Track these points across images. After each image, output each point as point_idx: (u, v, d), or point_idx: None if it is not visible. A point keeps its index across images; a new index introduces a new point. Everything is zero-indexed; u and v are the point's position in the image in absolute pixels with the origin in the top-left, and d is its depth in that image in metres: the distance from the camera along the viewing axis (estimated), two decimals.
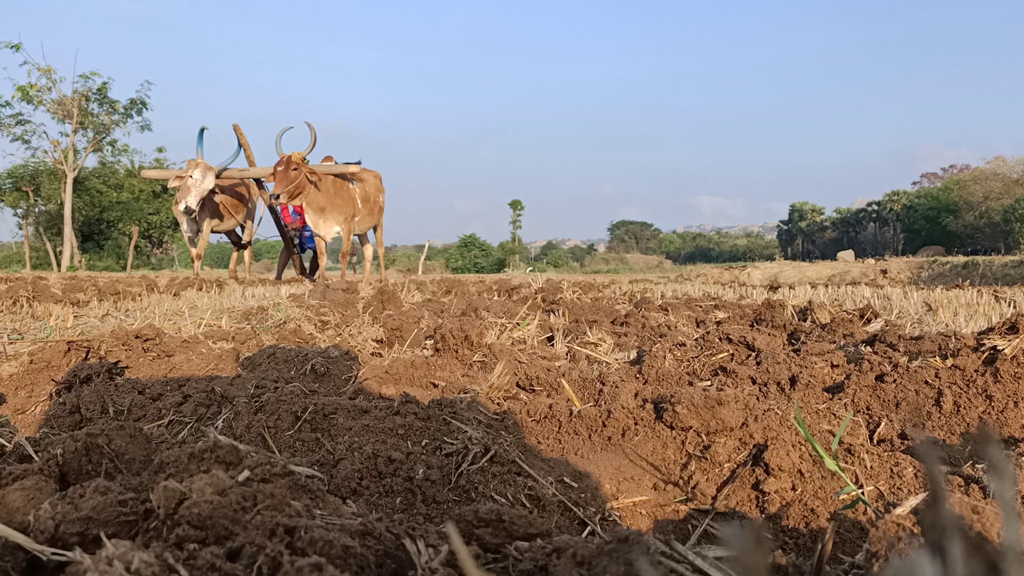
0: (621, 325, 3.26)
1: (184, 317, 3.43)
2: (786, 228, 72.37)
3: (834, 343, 2.44)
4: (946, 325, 3.13)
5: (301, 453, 1.22)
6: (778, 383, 1.75)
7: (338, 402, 1.35)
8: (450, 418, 1.29)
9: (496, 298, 5.06)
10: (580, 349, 2.49)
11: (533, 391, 1.84)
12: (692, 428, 1.32)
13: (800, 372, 1.75)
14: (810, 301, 3.64)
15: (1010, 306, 4.00)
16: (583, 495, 1.15)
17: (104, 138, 28.48)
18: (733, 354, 2.22)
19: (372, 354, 2.44)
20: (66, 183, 26.81)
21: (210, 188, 8.50)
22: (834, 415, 1.50)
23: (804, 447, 1.19)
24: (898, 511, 0.79)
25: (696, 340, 2.48)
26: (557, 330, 2.86)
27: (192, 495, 0.65)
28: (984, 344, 1.62)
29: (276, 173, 8.06)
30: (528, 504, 1.07)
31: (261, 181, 9.50)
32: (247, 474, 0.73)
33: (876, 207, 57.75)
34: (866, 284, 10.21)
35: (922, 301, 4.37)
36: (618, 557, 0.61)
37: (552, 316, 3.50)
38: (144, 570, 0.54)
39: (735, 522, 1.12)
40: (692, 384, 1.88)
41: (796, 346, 2.28)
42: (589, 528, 1.06)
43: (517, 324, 2.97)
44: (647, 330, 3.09)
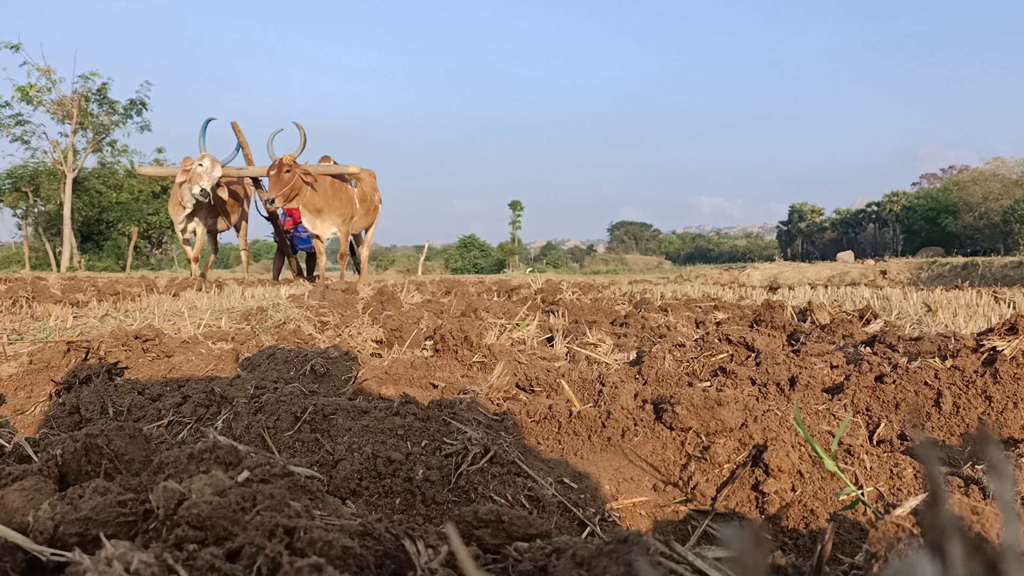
0: (621, 326, 3.26)
1: (183, 318, 3.43)
2: (786, 229, 72.40)
3: (833, 344, 2.44)
4: (945, 326, 3.13)
5: (301, 454, 1.22)
6: (778, 384, 1.75)
7: (338, 403, 1.35)
8: (450, 419, 1.29)
9: (496, 299, 5.06)
10: (580, 350, 2.49)
11: (533, 392, 1.84)
12: (692, 429, 1.32)
13: (800, 373, 1.75)
14: (810, 302, 3.64)
15: (1009, 307, 4.00)
16: (583, 496, 1.15)
17: (104, 139, 28.49)
18: (733, 355, 2.22)
19: (372, 355, 2.44)
20: (65, 184, 26.81)
21: (219, 177, 8.40)
22: (834, 416, 1.50)
23: (804, 448, 1.19)
24: (898, 512, 0.79)
25: (696, 341, 2.48)
26: (557, 331, 2.86)
27: (191, 496, 0.64)
28: (983, 345, 1.62)
29: (269, 177, 8.01)
30: (528, 505, 1.07)
31: (259, 180, 9.47)
32: (246, 475, 0.73)
33: (876, 208, 57.78)
34: (865, 285, 10.21)
35: (921, 302, 4.38)
36: (618, 558, 0.61)
37: (552, 317, 3.50)
38: (143, 571, 0.54)
39: (735, 523, 1.12)
40: (692, 385, 1.88)
41: (796, 347, 2.28)
42: (589, 529, 1.06)
43: (517, 325, 2.97)
44: (647, 331, 3.09)
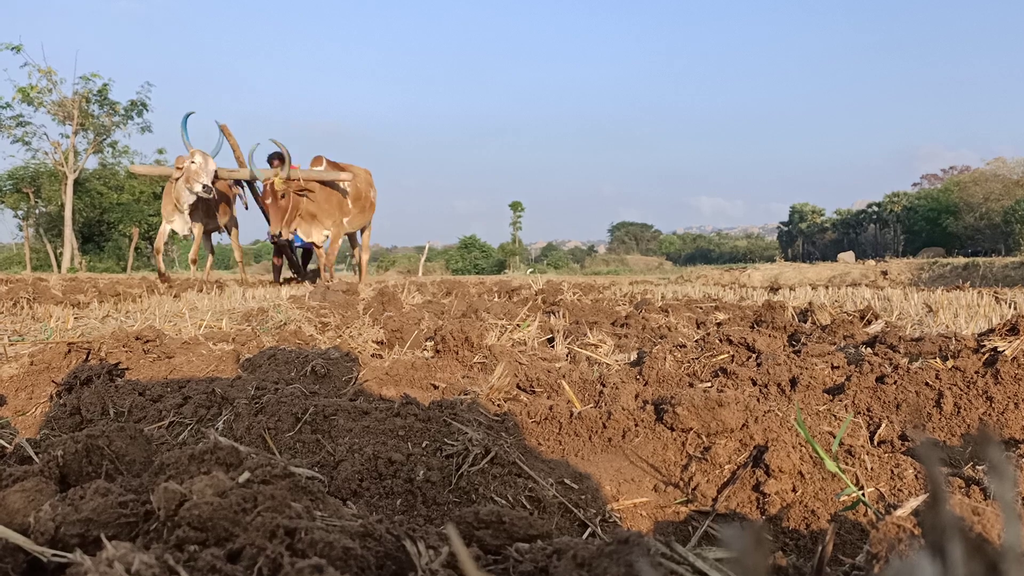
0: (621, 326, 3.26)
1: (184, 318, 3.43)
2: (786, 229, 72.38)
3: (834, 344, 2.44)
4: (946, 326, 3.13)
5: (301, 455, 1.22)
6: (778, 384, 1.75)
7: (338, 403, 1.35)
8: (450, 419, 1.29)
9: (496, 299, 5.06)
10: (580, 350, 2.49)
11: (533, 392, 1.84)
12: (692, 429, 1.32)
13: (800, 373, 1.75)
14: (810, 302, 3.64)
15: (1010, 307, 4.00)
16: (583, 496, 1.15)
17: (104, 139, 28.51)
18: (733, 355, 2.22)
19: (372, 355, 2.44)
20: (66, 185, 26.83)
21: (214, 170, 8.13)
22: (834, 416, 1.50)
23: (804, 448, 1.19)
24: (899, 512, 0.79)
25: (696, 341, 2.48)
26: (557, 331, 2.86)
27: (192, 496, 0.65)
28: (984, 345, 1.62)
29: (267, 208, 7.81)
30: (528, 505, 1.07)
31: (254, 182, 9.27)
32: (247, 476, 0.73)
33: (876, 208, 57.75)
34: (866, 285, 10.20)
35: (922, 302, 4.37)
36: (618, 558, 0.61)
37: (552, 317, 3.50)
38: (144, 571, 0.54)
39: (735, 523, 1.12)
40: (692, 385, 1.88)
41: (796, 347, 2.28)
42: (590, 530, 1.06)
43: (517, 326, 2.97)
44: (647, 331, 3.09)
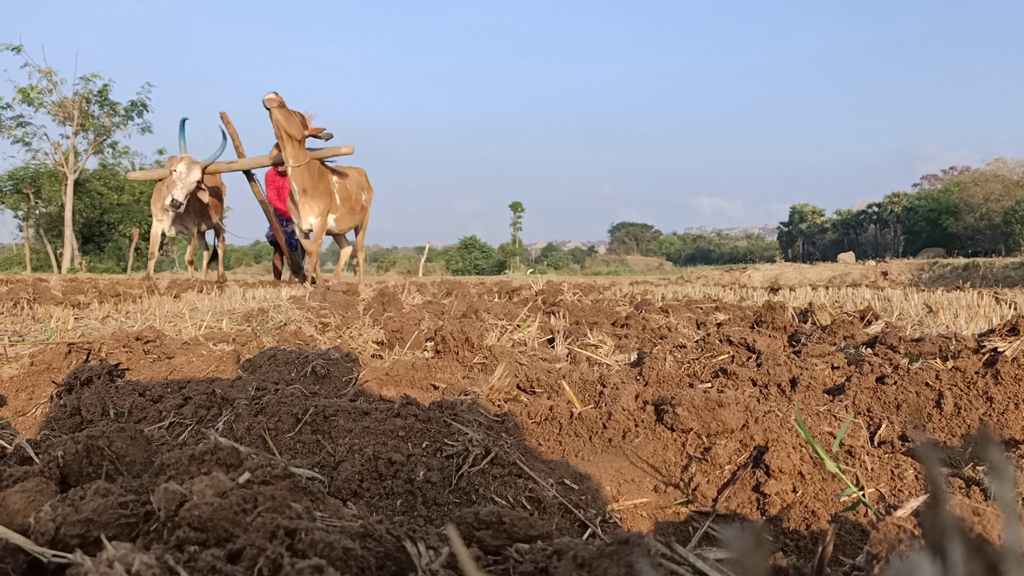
0: (622, 327, 3.26)
1: (185, 319, 3.43)
2: (786, 230, 72.38)
3: (835, 345, 2.44)
4: (947, 327, 3.13)
5: (302, 455, 1.22)
6: (779, 385, 1.75)
7: (339, 404, 1.35)
8: (451, 420, 1.29)
9: (496, 300, 5.06)
10: (581, 351, 2.49)
11: (534, 393, 1.84)
12: (693, 430, 1.32)
13: (801, 374, 1.75)
14: (811, 303, 3.64)
15: (1011, 308, 4.00)
16: (584, 497, 1.15)
17: (105, 140, 28.52)
18: (734, 356, 2.22)
19: (373, 356, 2.44)
20: (67, 185, 26.84)
21: (197, 181, 8.08)
22: (835, 417, 1.50)
23: (805, 449, 1.19)
24: (899, 513, 0.79)
25: (697, 342, 2.48)
26: (558, 332, 2.86)
27: (193, 497, 0.65)
28: (985, 346, 1.62)
29: (280, 119, 7.42)
30: (529, 506, 1.07)
31: (252, 174, 9.02)
32: (248, 476, 0.73)
33: (876, 209, 57.75)
34: (867, 286, 10.20)
35: (923, 303, 4.37)
36: (619, 559, 0.61)
37: (552, 318, 3.50)
38: (144, 572, 0.54)
39: (736, 524, 1.12)
40: (693, 386, 1.88)
41: (797, 348, 2.28)
42: (590, 530, 1.06)
43: (517, 326, 2.97)
44: (648, 332, 3.09)
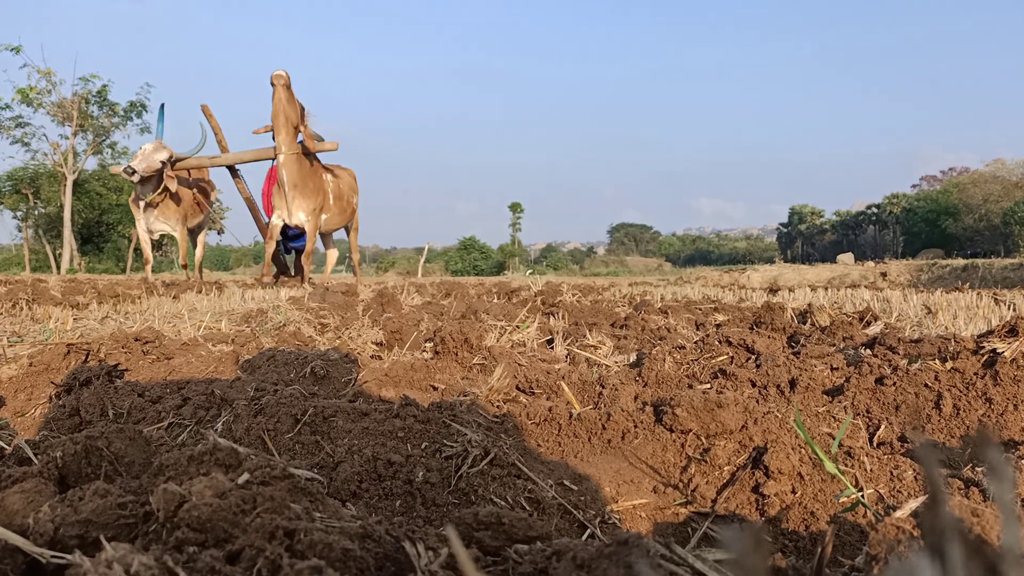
0: (621, 328, 3.26)
1: (184, 320, 3.43)
2: (786, 231, 72.45)
3: (834, 346, 2.44)
4: (945, 328, 3.13)
5: (301, 456, 1.22)
6: (778, 386, 1.75)
7: (338, 405, 1.35)
8: (450, 421, 1.29)
9: (496, 301, 5.06)
10: (580, 352, 2.49)
11: (533, 394, 1.84)
12: (692, 431, 1.32)
13: (800, 375, 1.75)
14: (810, 304, 3.64)
15: (1010, 309, 4.00)
16: (583, 498, 1.15)
17: (104, 141, 28.49)
18: (733, 357, 2.22)
19: (372, 357, 2.43)
20: (66, 186, 26.82)
21: (162, 160, 7.87)
22: (834, 418, 1.50)
23: (804, 450, 1.19)
24: (898, 514, 0.79)
25: (696, 343, 2.48)
26: (557, 333, 2.86)
27: (192, 498, 0.64)
28: (984, 347, 1.62)
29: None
30: (528, 507, 1.07)
31: (237, 170, 8.76)
32: (247, 477, 0.73)
33: (876, 210, 57.81)
34: (866, 287, 10.21)
35: (922, 304, 4.37)
36: (618, 560, 0.61)
37: (552, 319, 3.50)
38: (143, 573, 0.54)
39: (735, 525, 1.12)
40: (692, 387, 1.88)
41: (796, 349, 2.28)
42: (589, 531, 1.06)
43: (517, 327, 2.97)
44: (647, 333, 3.09)
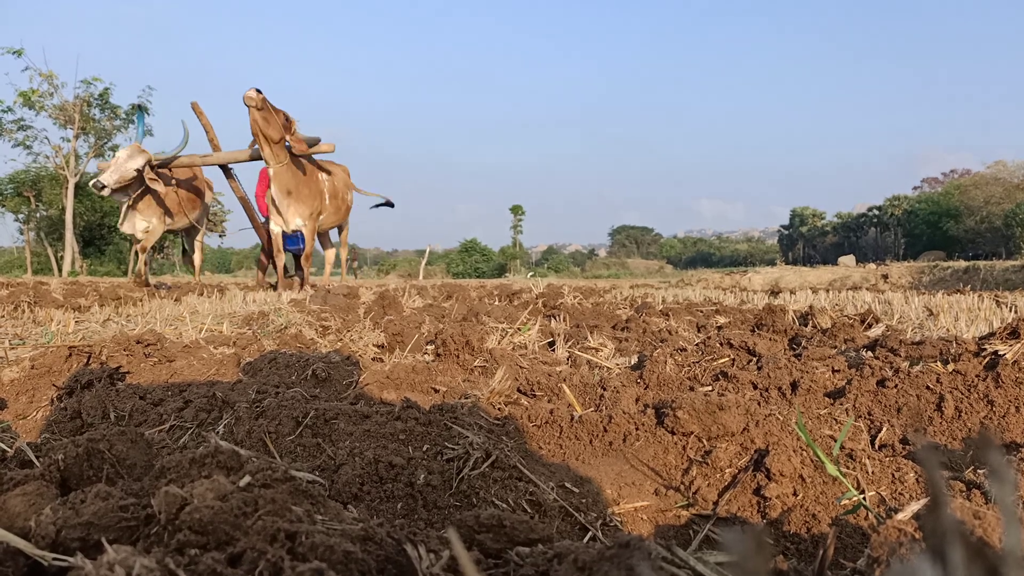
0: (622, 330, 3.26)
1: (185, 322, 3.43)
2: (787, 233, 72.47)
3: (835, 348, 2.43)
4: (947, 330, 3.12)
5: (302, 458, 1.22)
6: (779, 388, 1.75)
7: (339, 407, 1.35)
8: (451, 423, 1.29)
9: (497, 303, 5.06)
10: (581, 354, 2.49)
11: (534, 396, 1.84)
12: (693, 433, 1.32)
13: (801, 377, 1.74)
14: (811, 306, 3.64)
15: (1011, 311, 4.00)
16: (584, 500, 1.15)
17: (106, 143, 28.52)
18: (734, 359, 2.22)
19: (373, 359, 2.44)
20: (67, 188, 26.86)
21: (136, 168, 7.59)
22: (835, 420, 1.49)
23: (805, 452, 1.19)
24: (900, 516, 0.79)
25: (697, 345, 2.48)
26: (558, 335, 2.86)
27: (193, 500, 0.65)
28: (985, 349, 1.61)
29: (257, 120, 6.97)
30: (529, 509, 1.06)
31: (231, 170, 8.47)
32: (248, 479, 0.73)
33: (877, 212, 57.82)
34: (867, 289, 10.20)
35: (923, 306, 4.37)
36: (619, 562, 0.61)
37: (553, 321, 3.50)
38: (145, 575, 0.54)
39: (736, 527, 1.12)
40: (693, 389, 1.88)
41: (797, 351, 2.28)
42: (590, 533, 1.06)
43: (518, 329, 2.97)
44: (648, 335, 3.09)
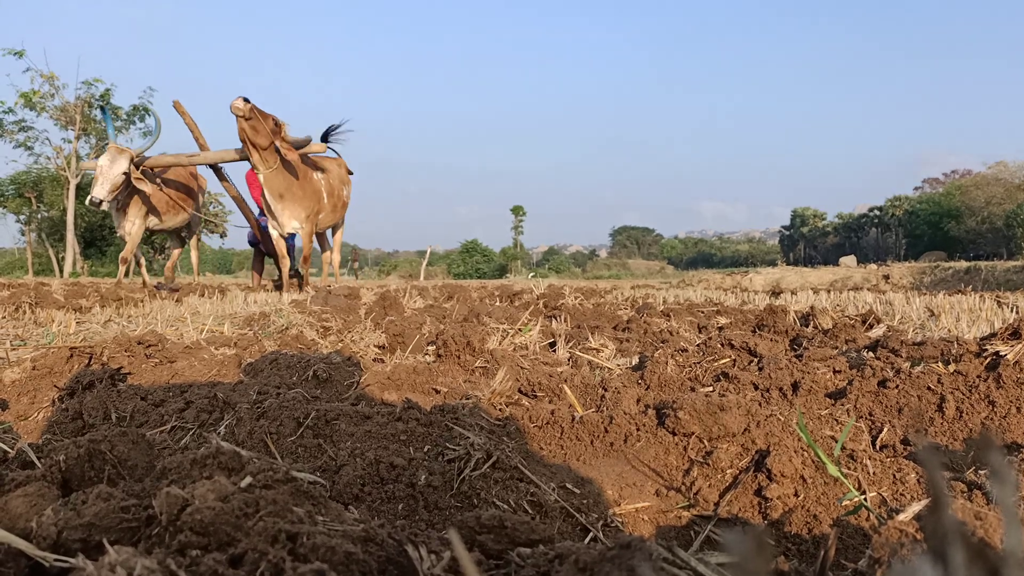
0: (623, 331, 3.26)
1: (186, 323, 3.43)
2: (788, 233, 72.46)
3: (836, 349, 2.43)
4: (948, 330, 3.12)
5: (303, 459, 1.22)
6: (780, 389, 1.75)
7: (340, 408, 1.35)
8: (452, 424, 1.29)
9: (498, 304, 5.06)
10: (582, 355, 2.49)
11: (535, 397, 1.83)
12: (694, 434, 1.31)
13: (802, 378, 1.74)
14: (812, 307, 3.63)
15: (1012, 311, 3.99)
16: (585, 501, 1.15)
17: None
18: (735, 360, 2.22)
19: (374, 360, 2.44)
20: (69, 189, 26.88)
21: (123, 172, 7.34)
22: (836, 421, 1.49)
23: (806, 453, 1.19)
24: (901, 517, 0.79)
25: (698, 346, 2.48)
26: (559, 336, 2.86)
27: (194, 501, 0.65)
28: (987, 350, 1.61)
29: (245, 128, 6.72)
30: (530, 510, 1.06)
31: (222, 170, 8.18)
32: (249, 480, 0.73)
33: (878, 212, 57.81)
34: (868, 289, 10.20)
35: (924, 306, 4.37)
36: (620, 563, 0.61)
37: (554, 322, 3.50)
38: None
39: (737, 528, 1.12)
40: (694, 390, 1.88)
41: (798, 352, 2.28)
42: (591, 534, 1.06)
43: (519, 330, 2.97)
44: (649, 336, 3.09)
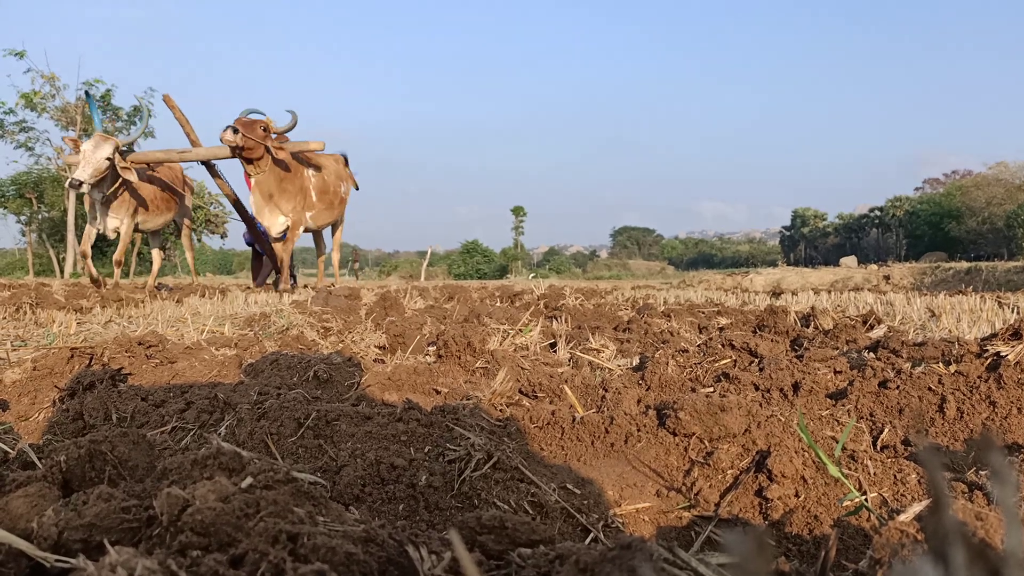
0: (624, 331, 3.26)
1: (187, 324, 3.43)
2: (788, 234, 72.46)
3: (837, 349, 2.43)
4: (949, 331, 3.12)
5: (304, 460, 1.22)
6: (781, 389, 1.75)
7: (341, 409, 1.35)
8: (453, 425, 1.29)
9: (499, 304, 5.06)
10: (583, 355, 2.49)
11: (536, 397, 1.83)
12: (695, 434, 1.31)
13: (803, 378, 1.74)
14: (813, 307, 3.63)
15: (1013, 312, 3.99)
16: (586, 502, 1.15)
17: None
18: (736, 360, 2.22)
19: (375, 361, 2.44)
20: (69, 190, 26.93)
21: (107, 156, 7.14)
22: (837, 421, 1.49)
23: (807, 453, 1.19)
24: (902, 518, 0.79)
25: (699, 346, 2.48)
26: (560, 336, 2.86)
27: (195, 502, 0.65)
28: (987, 350, 1.61)
29: (239, 122, 7.00)
30: (531, 511, 1.06)
31: (215, 168, 8.03)
32: (250, 481, 0.73)
33: (879, 213, 57.81)
34: (869, 290, 10.20)
35: (925, 307, 4.36)
36: (621, 564, 0.61)
37: (555, 322, 3.50)
38: None
39: (738, 528, 1.12)
40: (695, 390, 1.88)
41: (799, 352, 2.28)
42: (592, 535, 1.06)
43: (520, 330, 2.97)
44: (650, 336, 3.09)
